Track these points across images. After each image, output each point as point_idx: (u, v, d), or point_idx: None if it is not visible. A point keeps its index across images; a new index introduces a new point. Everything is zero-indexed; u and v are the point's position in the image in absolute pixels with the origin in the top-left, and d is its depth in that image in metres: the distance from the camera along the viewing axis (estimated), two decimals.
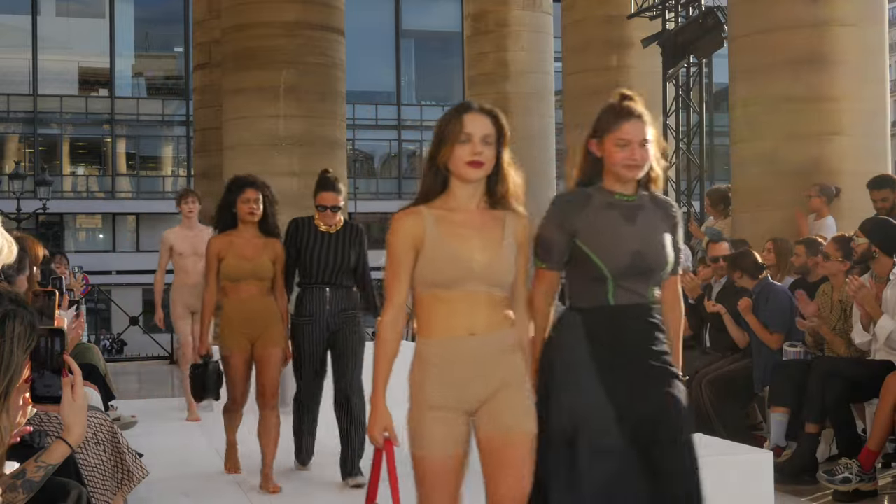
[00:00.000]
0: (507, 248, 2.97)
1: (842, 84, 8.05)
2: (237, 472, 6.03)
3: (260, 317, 5.67)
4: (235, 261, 5.64)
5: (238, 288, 5.66)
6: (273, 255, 5.72)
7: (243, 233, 5.72)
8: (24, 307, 2.24)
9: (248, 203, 5.70)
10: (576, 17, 12.45)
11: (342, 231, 5.88)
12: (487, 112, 3.00)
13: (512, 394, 2.95)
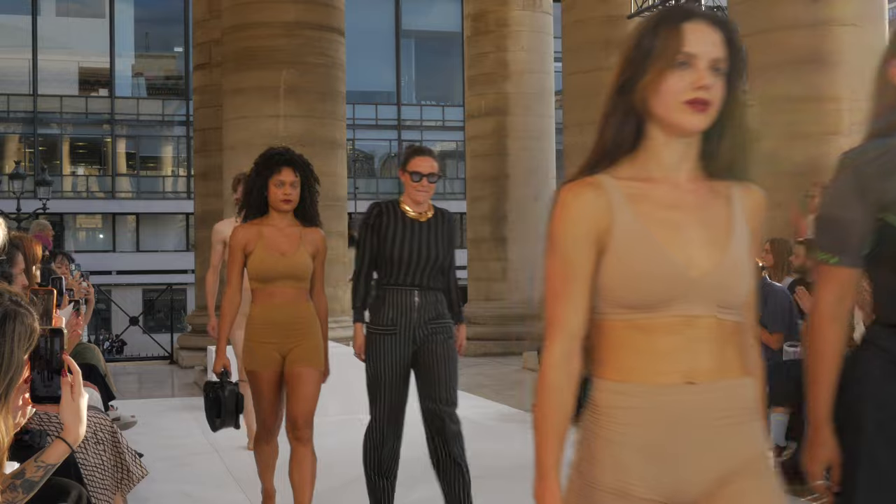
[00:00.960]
0: (741, 245, 1.87)
1: (842, 84, 8.05)
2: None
3: (295, 326, 4.66)
4: (266, 256, 4.60)
5: (269, 290, 4.63)
6: (313, 248, 4.72)
7: (276, 221, 4.67)
8: (24, 307, 2.24)
9: (282, 187, 4.62)
10: (576, 17, 12.45)
11: (434, 220, 4.79)
12: (719, 24, 1.87)
13: (755, 484, 1.88)
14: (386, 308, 4.67)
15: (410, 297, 4.67)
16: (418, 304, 4.68)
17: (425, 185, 4.70)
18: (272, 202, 4.65)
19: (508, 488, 5.63)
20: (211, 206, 12.95)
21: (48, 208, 26.53)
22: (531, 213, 13.98)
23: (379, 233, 4.70)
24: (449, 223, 4.82)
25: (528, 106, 14.59)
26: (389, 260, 4.66)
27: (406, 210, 4.75)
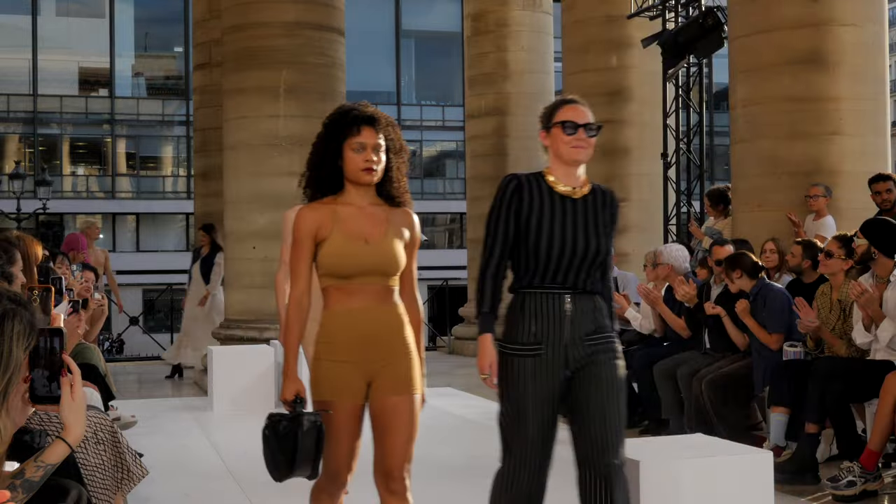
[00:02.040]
0: None
1: (842, 84, 8.05)
2: None
3: (384, 339, 3.48)
4: (346, 243, 3.46)
5: (348, 289, 3.47)
6: (405, 234, 3.55)
7: (354, 198, 3.52)
8: (23, 306, 2.24)
9: (362, 151, 3.46)
10: (576, 17, 12.44)
11: (592, 199, 3.61)
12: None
13: None
14: (526, 319, 3.51)
15: (561, 304, 3.51)
16: (571, 313, 3.51)
17: (583, 139, 3.52)
18: (350, 173, 3.48)
19: None
20: (211, 206, 12.95)
21: (48, 208, 26.54)
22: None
23: (518, 214, 3.54)
24: (611, 204, 3.66)
25: (528, 106, 14.59)
26: (533, 252, 3.51)
27: (554, 184, 3.56)
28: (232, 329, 10.45)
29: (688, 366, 6.75)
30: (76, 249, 10.70)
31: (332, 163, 3.48)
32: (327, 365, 3.48)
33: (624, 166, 12.02)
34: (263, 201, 10.43)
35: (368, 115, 3.49)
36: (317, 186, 3.55)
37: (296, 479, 3.67)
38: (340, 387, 3.47)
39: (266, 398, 8.69)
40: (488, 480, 3.91)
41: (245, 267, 10.51)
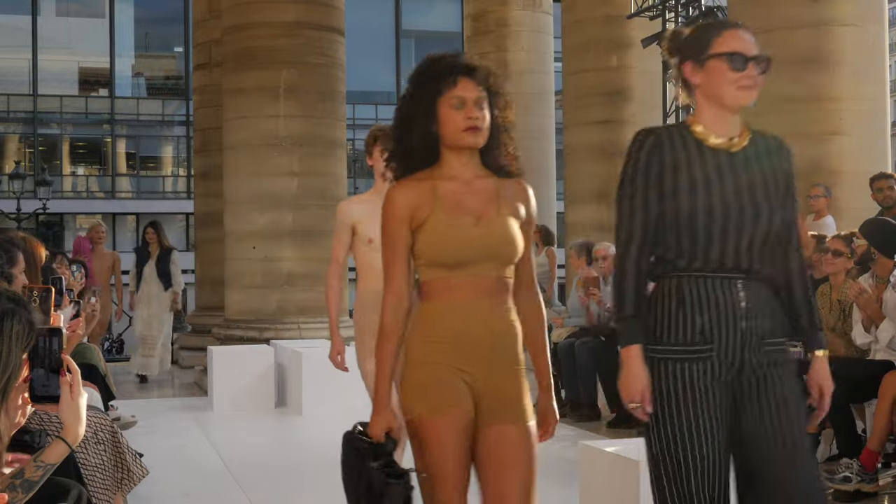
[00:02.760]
0: None
1: (842, 84, 8.05)
2: None
3: (488, 346, 2.73)
4: (453, 224, 2.73)
5: (453, 282, 2.72)
6: (520, 211, 2.88)
7: (456, 169, 2.80)
8: (23, 306, 2.24)
9: (462, 108, 2.77)
10: (576, 17, 12.44)
11: (755, 151, 2.74)
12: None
13: None
14: (688, 310, 2.63)
15: (733, 292, 2.62)
16: (745, 304, 2.63)
17: (754, 77, 2.68)
18: (449, 136, 2.75)
19: None
20: (211, 206, 12.95)
21: (48, 208, 26.53)
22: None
23: (661, 179, 2.69)
24: (785, 155, 2.76)
25: (528, 106, 14.58)
26: (687, 226, 2.63)
27: (702, 135, 2.71)
28: (232, 329, 10.44)
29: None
30: (79, 253, 10.79)
31: (424, 127, 2.75)
32: (431, 369, 2.69)
33: None
34: (263, 201, 10.43)
35: (466, 63, 2.90)
36: (407, 159, 2.81)
37: (296, 479, 3.62)
38: (445, 395, 2.66)
39: (266, 398, 8.69)
40: None
41: (245, 267, 10.50)
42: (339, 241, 4.73)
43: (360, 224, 4.65)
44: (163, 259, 10.98)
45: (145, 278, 10.96)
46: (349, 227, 4.68)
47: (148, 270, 11.00)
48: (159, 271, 10.96)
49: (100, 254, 11.16)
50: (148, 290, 10.95)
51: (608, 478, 4.15)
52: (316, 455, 6.60)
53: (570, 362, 7.98)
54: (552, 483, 5.68)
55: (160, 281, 10.94)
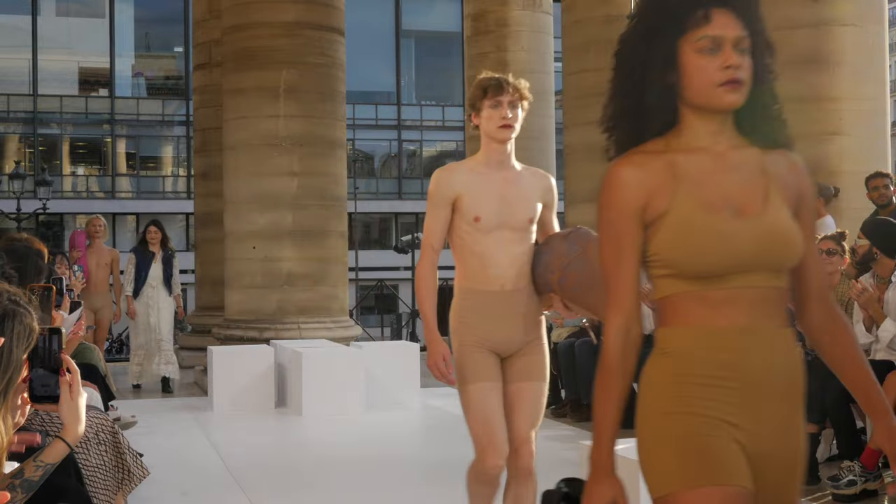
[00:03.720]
0: None
1: (842, 84, 8.05)
2: None
3: (776, 390, 1.97)
4: (704, 220, 1.97)
5: (711, 300, 1.97)
6: (797, 196, 2.10)
7: (704, 138, 2.04)
8: (23, 306, 2.24)
9: (717, 52, 1.99)
10: (576, 17, 12.44)
11: None
12: None
13: None
14: None
15: None
16: None
17: None
18: (696, 92, 1.99)
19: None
20: (211, 206, 12.95)
21: (48, 208, 26.53)
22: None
23: None
24: None
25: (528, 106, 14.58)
26: None
27: None
28: (232, 329, 10.45)
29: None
30: (73, 248, 10.12)
31: (660, 78, 1.98)
32: (687, 424, 1.92)
33: None
34: (263, 201, 10.43)
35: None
36: (633, 123, 2.03)
37: (296, 479, 3.64)
38: (717, 465, 1.89)
39: (266, 398, 8.69)
40: None
41: (245, 267, 10.50)
42: (436, 219, 3.74)
43: (464, 197, 3.70)
44: (167, 261, 10.21)
45: (149, 282, 10.07)
46: (450, 200, 3.72)
47: (154, 273, 10.13)
48: (165, 275, 10.17)
49: (97, 250, 10.24)
50: (155, 294, 10.09)
51: None
52: (316, 455, 6.61)
53: (570, 362, 7.98)
54: (552, 483, 5.67)
55: (165, 286, 10.16)
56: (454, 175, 3.79)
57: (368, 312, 35.05)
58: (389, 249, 34.34)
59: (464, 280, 3.77)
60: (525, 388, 3.68)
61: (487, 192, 3.71)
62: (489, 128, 3.79)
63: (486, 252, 3.69)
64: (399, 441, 7.47)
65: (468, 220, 3.71)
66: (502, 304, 3.69)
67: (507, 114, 3.80)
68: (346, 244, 11.07)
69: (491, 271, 3.69)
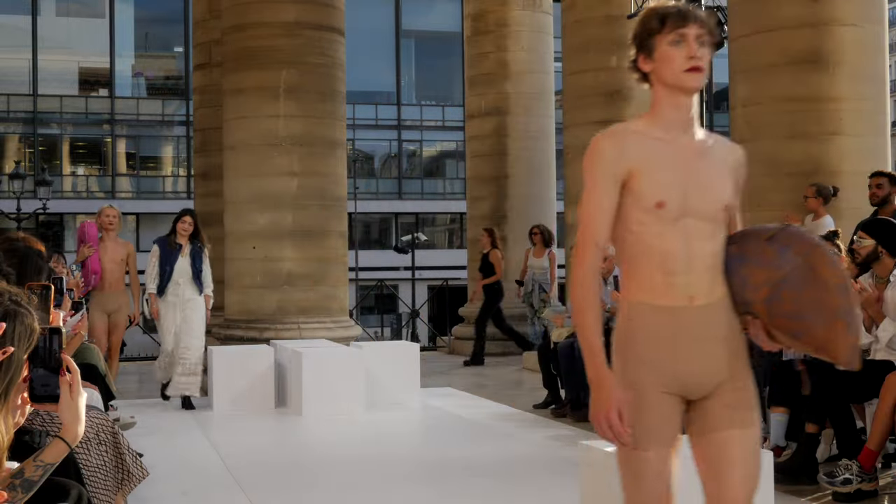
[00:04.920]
0: None
1: (842, 84, 8.04)
2: None
3: None
4: None
5: None
6: None
7: None
8: (23, 307, 2.24)
9: None
10: (576, 17, 12.44)
11: None
12: None
13: None
14: None
15: None
16: None
17: None
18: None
19: (508, 488, 5.63)
20: (211, 206, 12.95)
21: (48, 208, 26.54)
22: (531, 213, 13.98)
23: None
24: None
25: (528, 106, 14.59)
26: None
27: None
28: (232, 329, 10.45)
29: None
30: (83, 242, 8.78)
31: None
32: None
33: None
34: (263, 201, 10.44)
35: None
36: None
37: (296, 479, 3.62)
38: None
39: (266, 398, 8.69)
40: (488, 480, 3.92)
41: (245, 267, 10.51)
42: (600, 204, 2.69)
43: (640, 175, 2.65)
44: (196, 255, 8.89)
45: (175, 278, 8.79)
46: (619, 178, 2.67)
47: (180, 269, 8.82)
48: (194, 270, 8.85)
49: (110, 244, 8.87)
50: (181, 292, 8.81)
51: (608, 478, 4.15)
52: (316, 455, 6.61)
53: (570, 362, 7.98)
54: (552, 483, 5.68)
55: (195, 283, 8.85)
56: (626, 143, 2.67)
57: (368, 312, 35.06)
58: (389, 249, 34.39)
59: (636, 292, 2.69)
60: (735, 439, 2.65)
61: (671, 168, 2.65)
62: (670, 73, 2.66)
63: (670, 251, 2.62)
64: (399, 441, 7.47)
65: (646, 205, 2.63)
66: (694, 324, 2.63)
67: (696, 51, 2.64)
68: (346, 244, 11.07)
69: (677, 278, 2.61)
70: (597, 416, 2.56)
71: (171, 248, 8.86)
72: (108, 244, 8.82)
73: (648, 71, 2.70)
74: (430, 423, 8.31)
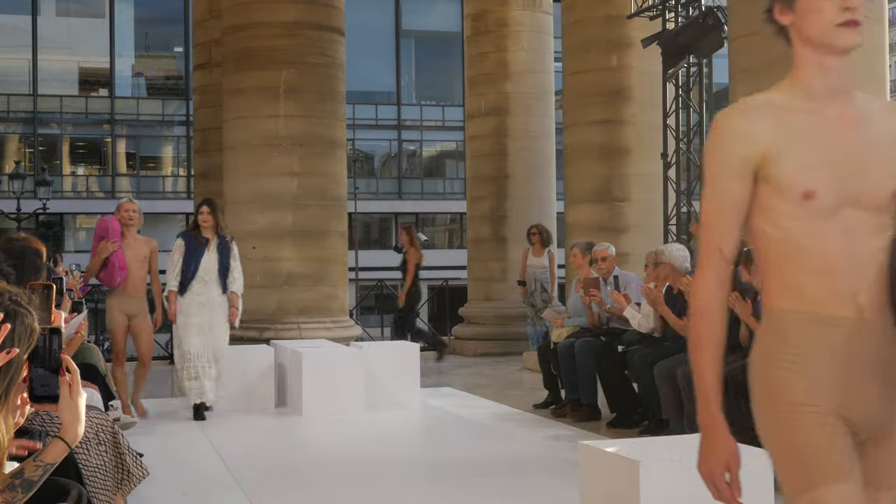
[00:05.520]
0: None
1: None
2: None
3: None
4: None
5: None
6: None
7: None
8: (24, 307, 2.24)
9: None
10: (576, 17, 12.44)
11: None
12: None
13: None
14: None
15: None
16: None
17: None
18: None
19: (508, 488, 5.63)
20: None
21: (48, 208, 26.53)
22: (531, 213, 13.98)
23: None
24: None
25: (528, 106, 14.59)
26: None
27: None
28: (232, 329, 10.45)
29: (688, 366, 6.74)
30: (106, 238, 7.98)
31: None
32: None
33: (624, 166, 12.01)
34: (263, 201, 10.44)
35: None
36: None
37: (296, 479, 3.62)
38: None
39: (266, 398, 8.68)
40: (488, 480, 3.91)
41: (245, 267, 10.46)
42: (722, 202, 2.20)
43: (778, 158, 2.14)
44: (224, 250, 8.20)
45: (200, 275, 8.10)
46: (750, 165, 2.16)
47: (206, 264, 8.12)
48: (221, 266, 8.17)
49: (131, 241, 8.13)
50: (207, 292, 8.12)
51: (608, 478, 4.15)
52: (316, 455, 6.60)
53: (570, 362, 7.98)
54: (552, 483, 5.68)
55: (221, 280, 8.18)
56: (758, 119, 2.17)
57: (368, 312, 35.05)
58: (389, 249, 34.36)
59: (783, 298, 2.16)
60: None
61: (819, 147, 2.12)
62: (816, 27, 2.20)
63: (826, 251, 2.08)
64: (399, 441, 7.47)
65: (791, 196, 2.11)
66: (862, 341, 2.07)
67: (853, 1, 2.12)
68: (346, 244, 11.07)
69: (838, 282, 2.07)
70: (701, 468, 2.23)
71: (196, 244, 8.12)
72: (129, 241, 8.09)
73: (787, 24, 2.21)
74: (430, 423, 8.31)
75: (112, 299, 8.20)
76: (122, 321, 8.18)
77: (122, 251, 7.97)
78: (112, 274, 7.96)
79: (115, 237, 7.97)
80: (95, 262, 7.98)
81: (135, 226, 8.18)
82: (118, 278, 7.97)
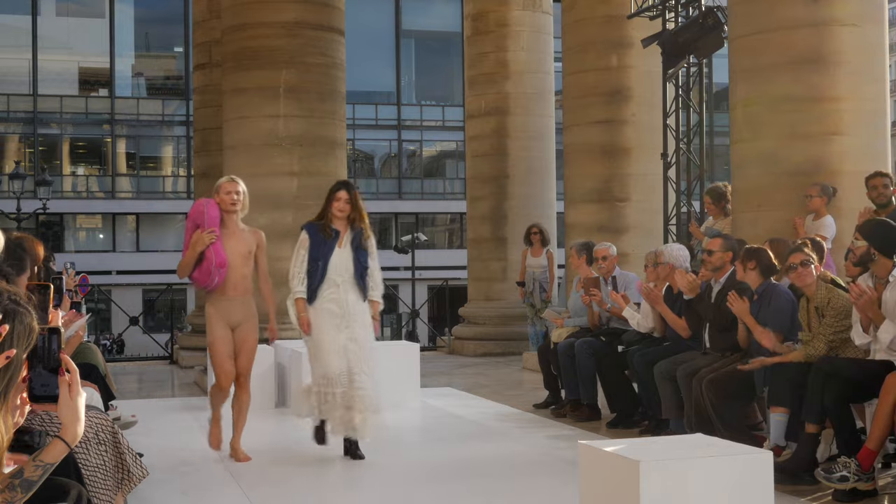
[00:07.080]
0: None
1: (842, 84, 8.04)
2: None
3: None
4: None
5: None
6: None
7: None
8: (23, 307, 2.24)
9: None
10: (576, 17, 12.45)
11: None
12: None
13: None
14: None
15: None
16: None
17: None
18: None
19: (508, 488, 5.63)
20: None
21: (48, 208, 26.54)
22: (531, 213, 13.98)
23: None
24: None
25: (528, 106, 14.59)
26: None
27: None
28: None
29: (688, 366, 6.75)
30: (200, 225, 6.27)
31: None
32: None
33: (624, 166, 12.02)
34: (263, 201, 10.43)
35: None
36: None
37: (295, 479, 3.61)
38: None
39: (266, 398, 8.68)
40: (488, 480, 3.91)
41: None
42: None
43: None
44: (358, 245, 6.48)
45: (332, 278, 6.44)
46: None
47: (338, 265, 6.45)
48: (358, 269, 6.48)
49: (233, 231, 6.42)
50: (341, 297, 6.44)
51: (608, 478, 4.16)
52: (316, 455, 6.59)
53: (570, 362, 7.98)
54: (552, 483, 5.68)
55: (359, 284, 6.49)
56: None
57: None
58: (389, 249, 34.34)
59: None
60: None
61: None
62: None
63: None
64: (399, 441, 7.47)
65: None
66: None
67: None
68: None
69: None
70: None
71: (325, 237, 6.44)
72: (230, 230, 6.38)
73: None
74: (430, 423, 8.31)
75: (211, 306, 6.44)
76: (225, 335, 6.43)
77: (220, 243, 6.28)
78: (208, 272, 6.26)
79: (212, 225, 6.27)
80: (189, 257, 6.25)
81: (239, 211, 6.41)
82: (216, 278, 6.29)
